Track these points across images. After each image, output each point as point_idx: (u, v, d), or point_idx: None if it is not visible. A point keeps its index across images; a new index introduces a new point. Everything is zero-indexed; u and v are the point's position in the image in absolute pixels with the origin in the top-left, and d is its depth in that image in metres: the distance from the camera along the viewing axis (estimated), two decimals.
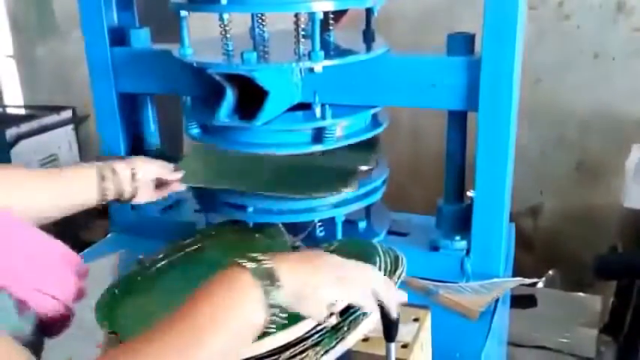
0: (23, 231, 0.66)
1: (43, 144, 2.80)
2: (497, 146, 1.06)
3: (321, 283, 0.68)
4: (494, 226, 1.10)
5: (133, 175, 1.07)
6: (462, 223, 1.16)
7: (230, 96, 1.04)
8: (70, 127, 2.93)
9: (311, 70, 1.03)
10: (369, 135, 1.15)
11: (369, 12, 1.16)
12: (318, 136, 1.10)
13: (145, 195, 1.11)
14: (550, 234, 2.33)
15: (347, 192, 1.10)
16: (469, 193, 1.13)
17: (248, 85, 1.02)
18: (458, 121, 1.15)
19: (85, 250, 1.31)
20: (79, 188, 1.01)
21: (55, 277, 0.66)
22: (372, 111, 1.16)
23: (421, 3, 2.25)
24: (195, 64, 1.07)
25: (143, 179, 1.09)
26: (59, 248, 0.69)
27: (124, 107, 1.33)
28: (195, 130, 1.17)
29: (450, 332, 0.89)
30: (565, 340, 1.81)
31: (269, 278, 0.64)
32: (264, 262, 0.66)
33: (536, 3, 2.12)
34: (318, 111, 1.10)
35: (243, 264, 0.65)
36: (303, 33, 1.05)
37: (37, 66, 3.29)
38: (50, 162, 2.83)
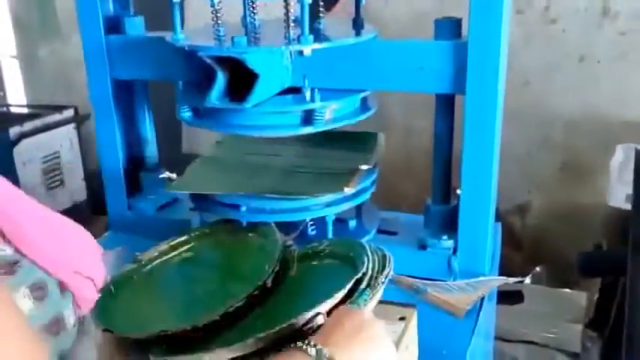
0: (64, 221, 0.69)
1: (46, 142, 2.86)
2: (483, 139, 1.08)
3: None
4: (480, 226, 1.13)
5: None
6: (449, 223, 1.19)
7: (221, 79, 1.05)
8: (72, 125, 2.99)
9: (300, 53, 1.04)
10: (359, 119, 1.17)
11: (358, 0, 1.18)
12: (308, 118, 1.12)
13: None
14: (537, 232, 2.37)
15: (349, 191, 1.13)
16: (458, 191, 1.16)
17: (239, 69, 1.03)
18: (445, 115, 1.17)
19: None
20: None
21: (91, 262, 0.69)
22: (361, 95, 1.18)
23: (413, 6, 2.28)
24: (186, 48, 1.09)
25: None
26: (89, 237, 0.72)
27: (120, 97, 1.35)
28: (187, 114, 1.18)
29: (436, 330, 0.92)
30: (551, 335, 1.85)
31: None
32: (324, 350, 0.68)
33: (523, 7, 2.15)
34: (307, 94, 1.12)
35: (306, 351, 0.68)
36: (293, 18, 1.06)
37: (40, 66, 3.33)
38: (53, 160, 2.89)
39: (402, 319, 0.88)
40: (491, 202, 1.13)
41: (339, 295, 0.79)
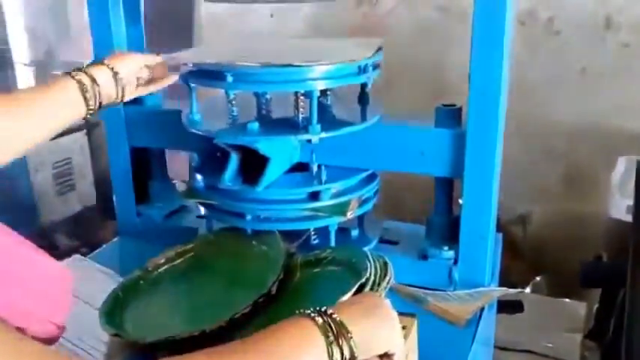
0: (20, 251, 0.66)
1: (58, 148, 2.92)
2: (485, 151, 1.11)
3: (382, 336, 0.72)
4: (481, 237, 1.14)
5: (115, 76, 1.01)
6: (450, 233, 1.21)
7: (234, 162, 1.11)
8: (83, 132, 3.05)
9: (309, 140, 1.10)
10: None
11: (363, 85, 1.22)
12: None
13: (133, 92, 1.06)
14: (538, 242, 2.38)
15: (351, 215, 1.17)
16: (460, 201, 1.17)
17: (251, 149, 1.09)
18: None
19: (93, 253, 1.37)
20: (64, 106, 0.95)
21: (50, 301, 0.67)
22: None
23: (416, 16, 2.30)
24: (201, 133, 1.14)
25: (127, 78, 1.03)
26: (54, 267, 0.69)
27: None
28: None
29: (436, 339, 0.93)
30: (550, 345, 1.85)
31: (337, 330, 0.66)
32: (333, 315, 0.68)
33: (525, 19, 2.17)
34: (314, 169, 1.19)
35: (313, 316, 0.67)
36: (302, 97, 1.12)
37: (53, 74, 3.38)
38: (64, 165, 2.95)
39: (402, 328, 0.89)
40: (492, 214, 1.14)
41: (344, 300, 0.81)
